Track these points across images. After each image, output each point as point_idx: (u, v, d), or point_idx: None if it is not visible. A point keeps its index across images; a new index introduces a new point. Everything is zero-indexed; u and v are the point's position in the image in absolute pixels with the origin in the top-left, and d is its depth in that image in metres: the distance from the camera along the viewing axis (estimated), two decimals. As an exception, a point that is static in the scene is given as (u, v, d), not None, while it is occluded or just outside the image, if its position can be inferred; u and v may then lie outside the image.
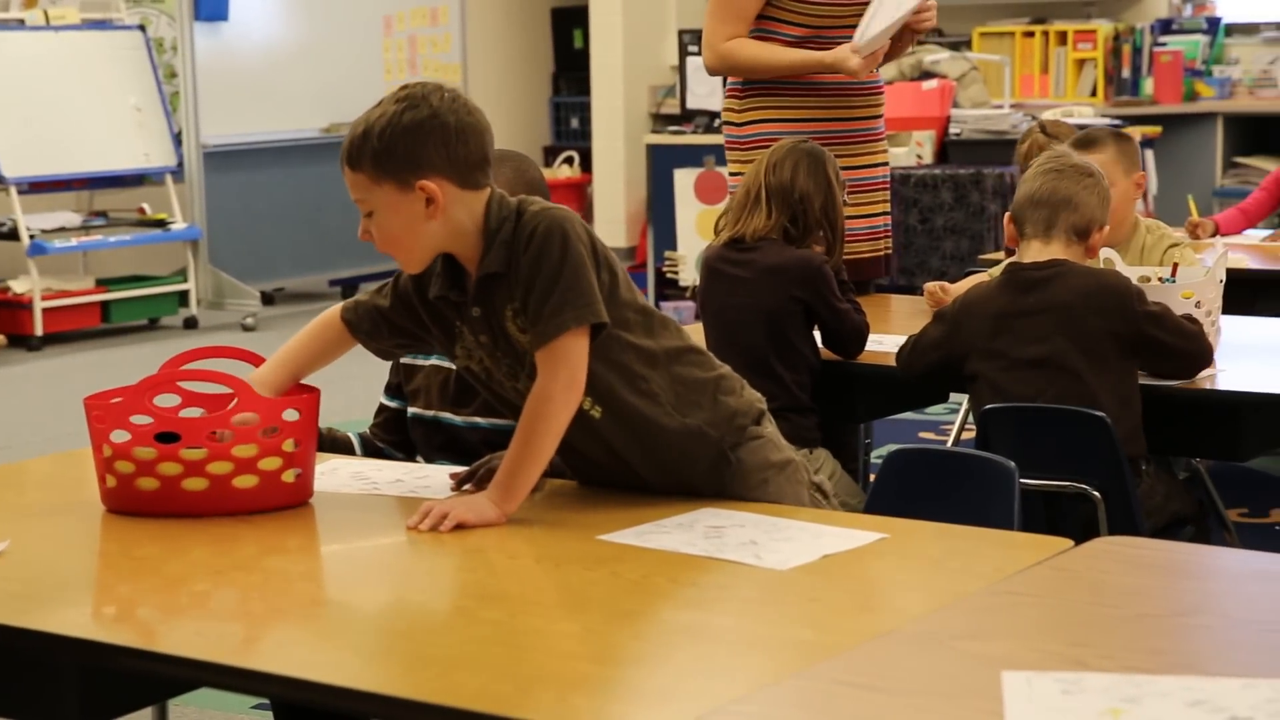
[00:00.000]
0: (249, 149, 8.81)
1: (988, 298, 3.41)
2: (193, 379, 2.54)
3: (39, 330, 7.92)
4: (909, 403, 4.21)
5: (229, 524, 2.40)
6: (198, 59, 8.57)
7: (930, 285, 4.07)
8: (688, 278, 7.87)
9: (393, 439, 3.04)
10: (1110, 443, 3.17)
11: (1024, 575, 2.09)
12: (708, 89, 8.32)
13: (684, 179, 8.14)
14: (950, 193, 7.24)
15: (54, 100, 8.13)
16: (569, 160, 9.97)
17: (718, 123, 4.62)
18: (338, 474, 2.68)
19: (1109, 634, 1.90)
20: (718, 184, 7.82)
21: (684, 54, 8.59)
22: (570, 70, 10.51)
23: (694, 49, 8.23)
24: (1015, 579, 2.08)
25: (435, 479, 2.64)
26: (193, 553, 2.30)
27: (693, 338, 2.58)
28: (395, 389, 3.05)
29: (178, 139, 8.57)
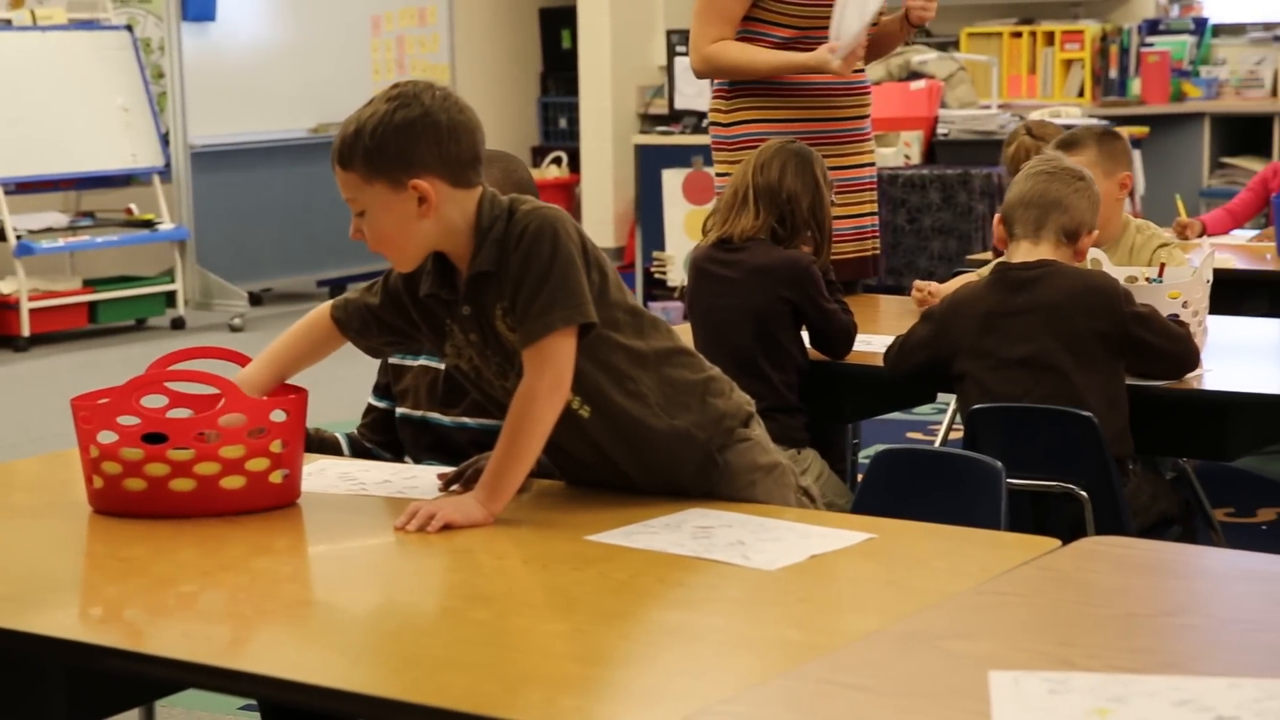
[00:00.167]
0: (236, 149, 8.80)
1: (976, 297, 3.41)
2: (180, 379, 2.54)
3: (26, 331, 7.90)
4: (897, 403, 4.22)
5: (216, 525, 2.40)
6: (185, 59, 8.56)
7: (918, 284, 4.08)
8: (676, 278, 7.87)
9: (381, 439, 3.04)
10: (1097, 442, 3.18)
11: (1011, 575, 2.10)
12: (696, 89, 8.33)
13: (672, 179, 8.14)
14: (938, 193, 7.25)
15: (41, 100, 8.12)
16: (557, 160, 9.97)
17: (706, 123, 4.62)
18: (325, 474, 2.68)
19: (1096, 634, 1.90)
20: (706, 184, 7.82)
21: (672, 54, 8.59)
22: (558, 70, 10.51)
23: (682, 49, 8.23)
24: (1002, 579, 2.08)
25: (423, 479, 2.63)
26: (180, 554, 2.30)
27: (682, 339, 2.58)
28: (383, 389, 3.05)
29: (165, 139, 8.56)
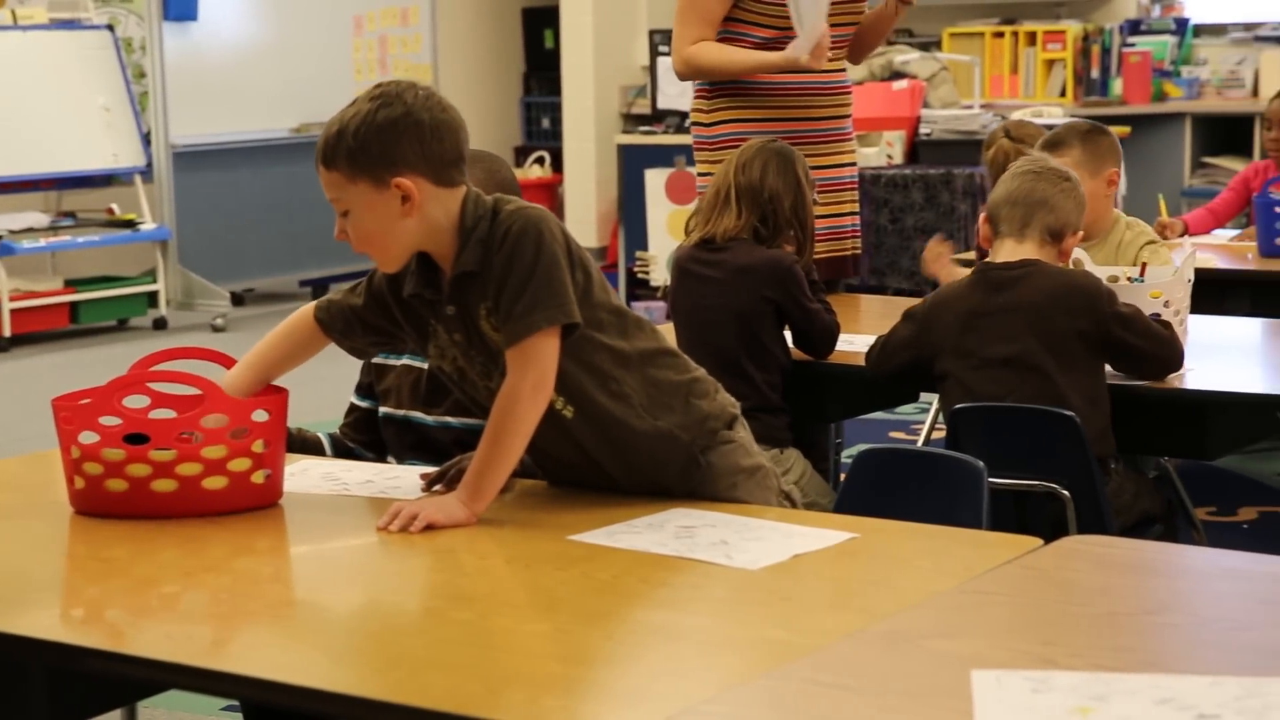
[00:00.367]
0: (218, 149, 8.78)
1: (958, 296, 3.41)
2: (161, 380, 2.53)
3: (7, 331, 7.88)
4: (879, 402, 4.22)
5: (198, 525, 2.40)
6: (167, 59, 8.54)
7: (933, 242, 4.04)
8: (659, 278, 7.87)
9: (363, 439, 3.03)
10: (1079, 442, 3.19)
11: (993, 574, 2.10)
12: (678, 89, 8.33)
13: (655, 179, 8.15)
14: (920, 193, 7.26)
15: (22, 100, 8.09)
16: (540, 160, 9.96)
17: (688, 123, 4.62)
18: (308, 475, 2.68)
19: (1078, 632, 1.91)
20: (688, 184, 7.83)
21: (655, 54, 8.59)
22: (541, 70, 10.51)
23: (665, 49, 8.23)
24: (985, 578, 2.08)
25: (405, 480, 2.63)
26: (162, 554, 2.29)
27: (667, 339, 2.58)
28: (366, 389, 3.04)
29: (147, 139, 8.54)
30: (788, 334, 3.72)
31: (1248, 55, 9.00)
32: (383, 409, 2.98)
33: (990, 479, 2.63)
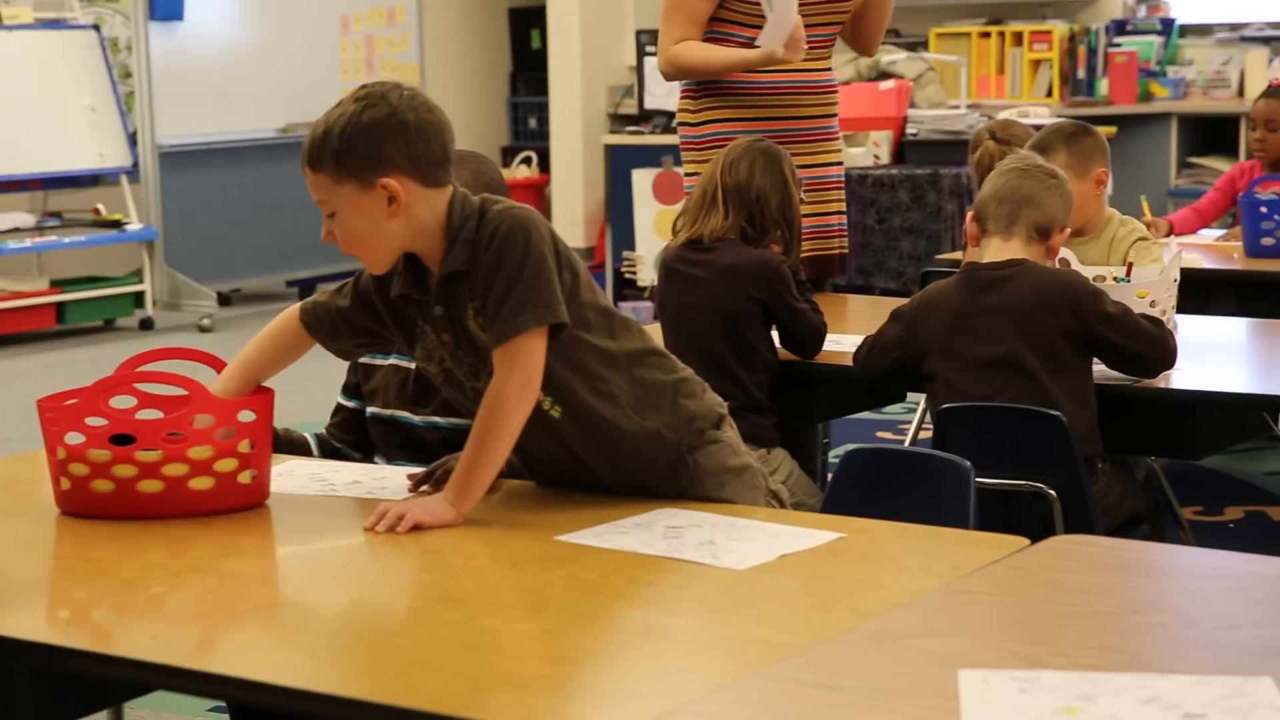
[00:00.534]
0: (205, 149, 8.76)
1: (945, 296, 3.41)
2: (147, 381, 2.52)
3: (-7, 331, 7.87)
4: (867, 402, 4.22)
5: (185, 526, 2.39)
6: (153, 59, 8.52)
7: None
8: (646, 278, 7.88)
9: (350, 439, 3.03)
10: (1066, 441, 3.19)
11: (980, 574, 2.10)
12: (665, 89, 8.32)
13: (642, 179, 8.15)
14: (907, 193, 7.26)
15: (8, 100, 8.07)
16: (527, 160, 9.96)
17: (675, 123, 4.62)
18: (295, 475, 2.67)
19: (1064, 632, 1.91)
20: (675, 184, 7.83)
21: (642, 54, 8.59)
22: (528, 70, 10.50)
23: (651, 49, 8.22)
24: (972, 578, 2.09)
25: (392, 480, 2.63)
26: (148, 555, 2.29)
27: (654, 339, 2.58)
28: (353, 389, 3.04)
29: (133, 139, 8.52)
30: (775, 334, 3.72)
31: (1233, 55, 9.02)
32: (370, 409, 2.98)
33: (977, 479, 2.63)
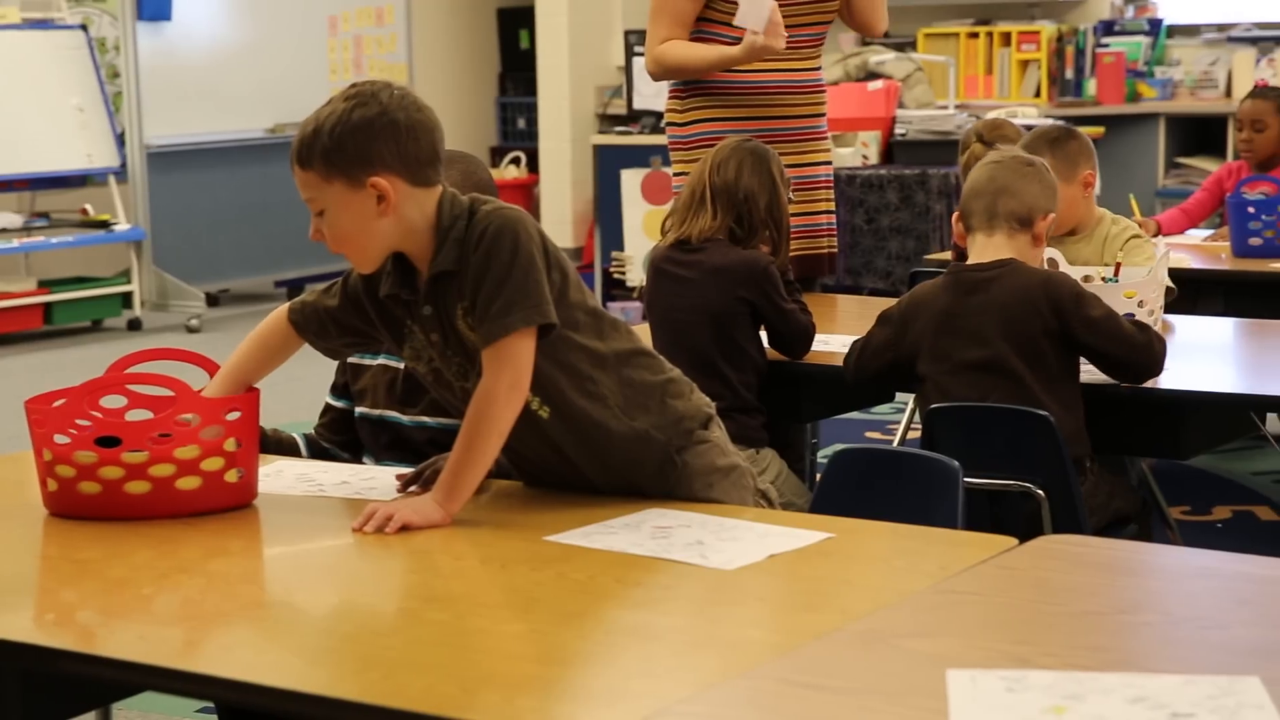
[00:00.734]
0: (193, 149, 8.75)
1: (933, 297, 3.41)
2: (135, 382, 2.52)
3: (-20, 332, 7.86)
4: (855, 402, 4.22)
5: (172, 527, 2.39)
6: (141, 59, 8.51)
7: None
8: (635, 278, 7.88)
9: (339, 439, 3.03)
10: (1054, 441, 3.19)
11: (968, 574, 2.10)
12: (654, 90, 8.33)
13: (631, 179, 8.15)
14: (896, 193, 7.27)
15: (-4, 101, 8.07)
16: (515, 161, 9.95)
17: (663, 123, 4.63)
18: (283, 476, 2.67)
19: (1052, 632, 1.91)
20: (664, 184, 7.83)
21: (630, 55, 8.59)
22: (516, 71, 10.50)
23: (640, 50, 8.22)
24: (960, 577, 2.09)
25: (381, 480, 2.63)
26: (135, 556, 2.29)
27: (642, 340, 2.58)
28: (342, 389, 3.04)
29: (121, 139, 8.51)
30: (763, 334, 3.72)
31: (1221, 56, 9.04)
32: (358, 409, 2.98)
33: (965, 479, 2.63)
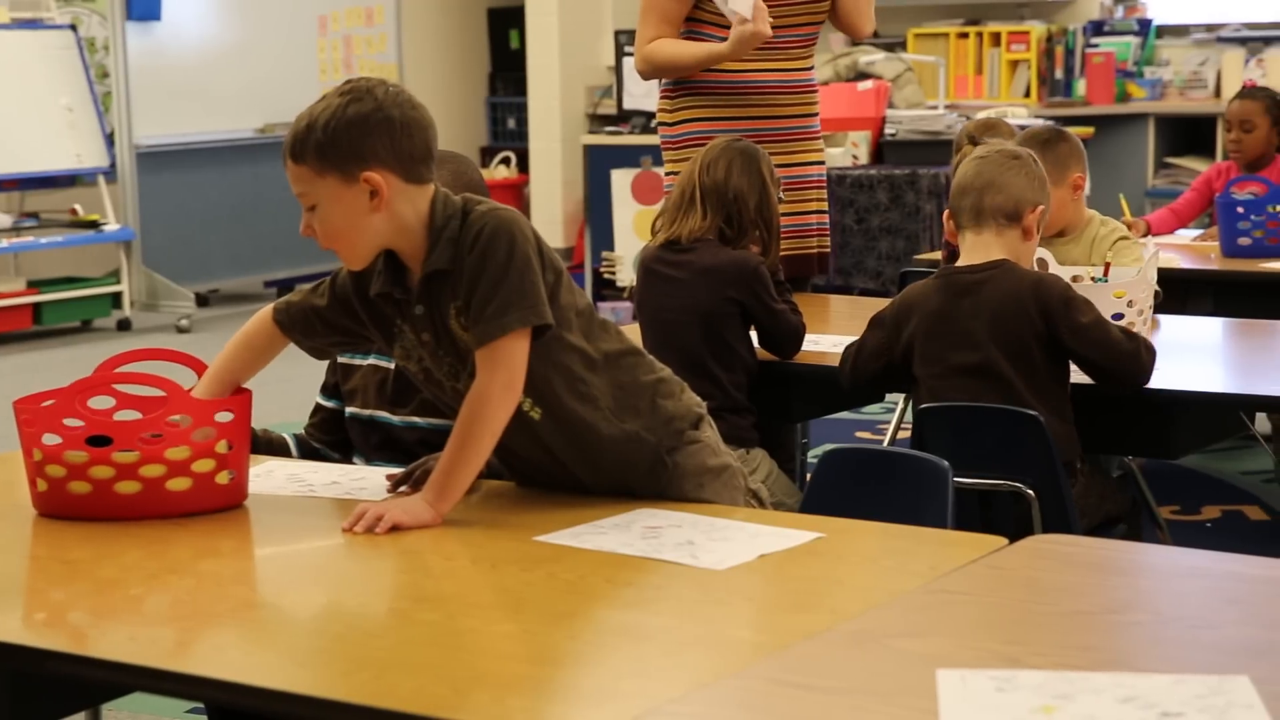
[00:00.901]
0: (183, 149, 8.74)
1: (924, 297, 3.39)
2: (124, 382, 2.51)
3: (-31, 332, 7.85)
4: (846, 402, 4.22)
5: (162, 527, 2.38)
6: (130, 59, 8.50)
7: None
8: (625, 278, 7.87)
9: (329, 439, 3.02)
10: (1044, 441, 3.19)
11: (959, 573, 2.10)
12: (644, 89, 8.33)
13: (621, 179, 8.15)
14: (886, 193, 7.27)
15: (-16, 100, 8.06)
16: (506, 161, 9.95)
17: (654, 123, 4.63)
18: (273, 476, 2.67)
19: (1042, 631, 1.92)
20: (654, 184, 7.83)
21: (620, 55, 8.59)
22: (507, 71, 10.50)
23: (630, 50, 8.23)
24: (950, 577, 2.09)
25: (371, 481, 2.62)
26: (126, 556, 2.28)
27: (632, 340, 2.58)
28: (332, 389, 3.03)
29: (110, 139, 8.50)
30: (753, 334, 3.72)
31: (1210, 56, 9.05)
32: (349, 409, 2.97)
33: (956, 479, 2.64)
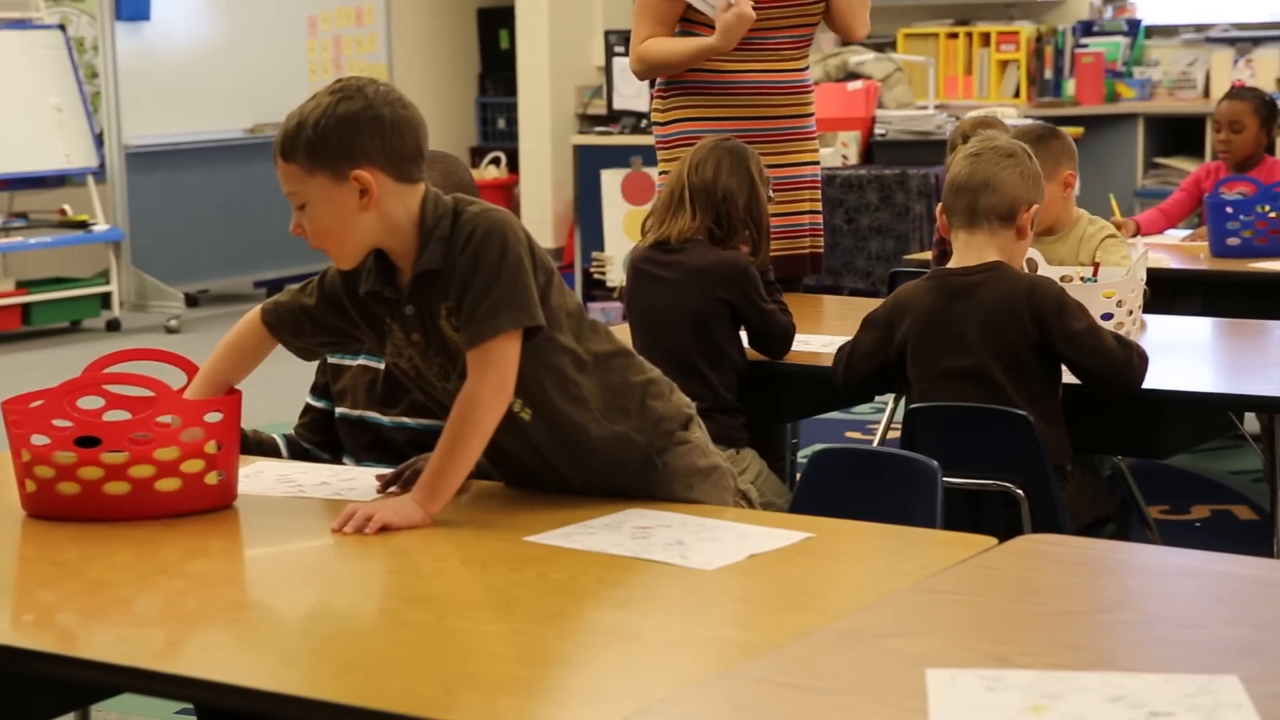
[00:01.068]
0: (172, 149, 8.73)
1: (917, 298, 3.38)
2: (113, 382, 2.51)
3: (-42, 333, 7.83)
4: (836, 402, 4.22)
5: (152, 528, 2.38)
6: (119, 59, 8.49)
7: None
8: (615, 279, 7.88)
9: (319, 439, 3.02)
10: (1033, 442, 3.19)
11: (948, 573, 2.11)
12: (634, 90, 8.33)
13: (611, 179, 8.15)
14: (876, 193, 7.27)
15: (-27, 101, 8.05)
16: (496, 161, 9.95)
17: (645, 123, 4.64)
18: (263, 477, 2.66)
19: (1031, 631, 1.92)
20: (645, 184, 7.84)
21: (610, 55, 8.59)
22: (497, 71, 10.49)
23: (620, 50, 8.23)
24: (939, 577, 2.09)
25: (361, 481, 2.62)
26: (115, 557, 2.28)
27: (622, 341, 2.58)
28: (322, 389, 3.03)
29: (99, 139, 8.49)
30: (743, 334, 3.72)
31: (1199, 56, 9.06)
32: (339, 409, 2.97)
33: (945, 479, 2.64)
